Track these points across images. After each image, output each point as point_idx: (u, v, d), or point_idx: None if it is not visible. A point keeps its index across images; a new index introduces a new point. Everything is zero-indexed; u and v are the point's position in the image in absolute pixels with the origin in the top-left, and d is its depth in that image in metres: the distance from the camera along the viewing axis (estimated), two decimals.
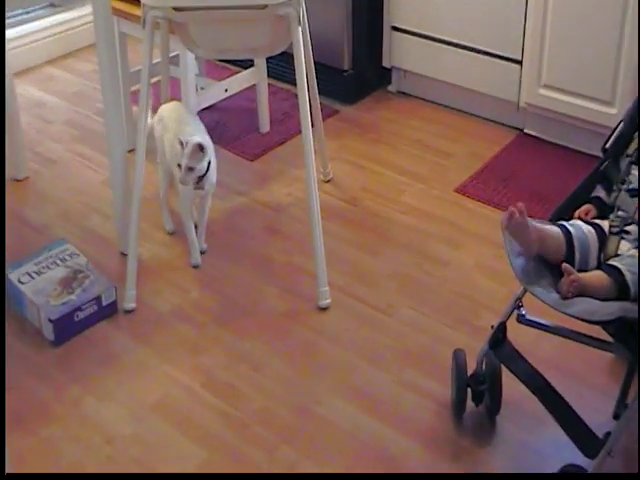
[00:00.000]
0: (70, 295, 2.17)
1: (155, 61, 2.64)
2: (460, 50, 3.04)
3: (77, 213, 2.65)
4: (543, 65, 2.85)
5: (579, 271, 1.60)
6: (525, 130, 3.03)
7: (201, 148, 2.23)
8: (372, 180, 2.83)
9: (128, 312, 2.25)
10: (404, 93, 3.32)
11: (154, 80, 2.69)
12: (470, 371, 1.91)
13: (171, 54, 2.69)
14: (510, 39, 2.91)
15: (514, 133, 3.05)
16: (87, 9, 2.58)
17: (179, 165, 2.24)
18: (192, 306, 2.29)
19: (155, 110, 2.58)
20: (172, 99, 2.61)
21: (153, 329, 2.21)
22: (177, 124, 2.39)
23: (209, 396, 2.01)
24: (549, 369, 1.79)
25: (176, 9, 2.21)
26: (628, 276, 1.57)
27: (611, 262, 1.61)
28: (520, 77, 2.93)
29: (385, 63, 3.27)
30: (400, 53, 3.21)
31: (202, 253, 2.42)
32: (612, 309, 1.53)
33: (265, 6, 2.17)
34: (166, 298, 2.32)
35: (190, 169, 2.23)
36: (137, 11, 2.41)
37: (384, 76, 3.31)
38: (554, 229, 1.66)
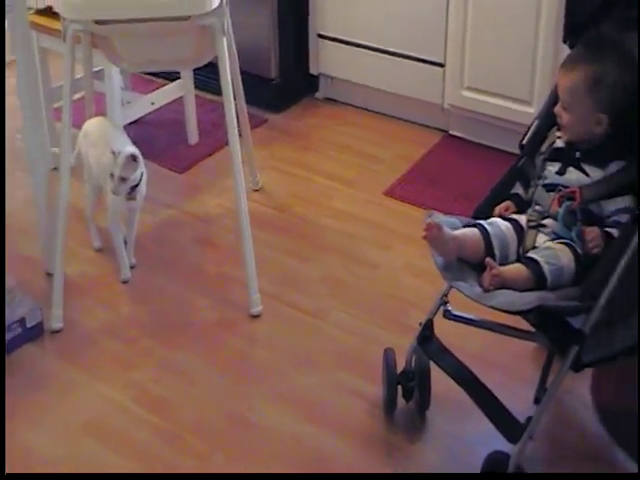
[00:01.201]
0: None
1: (78, 76, 2.63)
2: (385, 55, 3.09)
3: None
4: (465, 68, 2.92)
5: (500, 265, 1.65)
6: (450, 131, 3.10)
7: (134, 158, 2.25)
8: (301, 187, 2.86)
9: (55, 332, 2.23)
10: (332, 99, 3.35)
11: (78, 96, 2.68)
12: (400, 369, 1.94)
13: (95, 68, 2.67)
14: (432, 43, 2.97)
15: (439, 135, 3.11)
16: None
17: (112, 175, 2.24)
18: (123, 322, 2.29)
19: (80, 126, 2.57)
20: (98, 114, 2.60)
21: (82, 348, 2.19)
22: (103, 139, 2.38)
23: (141, 411, 2.01)
24: (476, 362, 1.84)
25: (98, 22, 2.20)
26: (545, 267, 1.62)
27: (529, 255, 1.67)
28: (443, 80, 2.99)
29: (312, 70, 3.30)
30: (326, 60, 3.24)
31: (132, 268, 2.42)
32: (530, 299, 1.58)
33: (189, 17, 2.18)
34: (95, 315, 2.30)
35: (123, 179, 2.24)
36: (57, 25, 2.37)
37: (311, 83, 3.34)
38: (473, 232, 1.71)
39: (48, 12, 2.64)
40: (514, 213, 1.78)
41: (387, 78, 3.11)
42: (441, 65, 2.97)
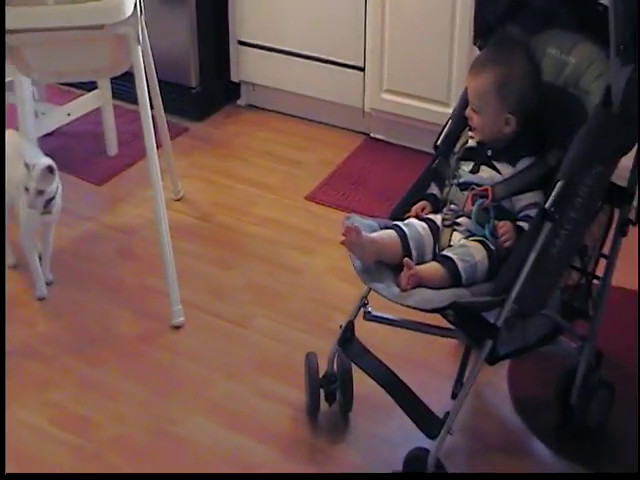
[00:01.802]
0: None
1: None
2: (305, 60, 3.10)
3: None
4: (384, 71, 2.95)
5: (417, 264, 1.68)
6: (371, 134, 3.13)
7: (50, 170, 2.21)
8: (224, 195, 2.86)
9: None
10: (253, 106, 3.36)
11: None
12: (322, 372, 1.95)
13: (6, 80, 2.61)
14: (352, 47, 3.00)
15: (361, 138, 3.14)
16: None
17: (27, 189, 2.19)
18: (39, 340, 2.24)
19: None
20: (9, 127, 2.54)
21: None
22: (15, 152, 2.32)
23: (59, 432, 1.97)
24: (397, 361, 1.87)
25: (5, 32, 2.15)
26: (459, 264, 1.66)
27: (444, 253, 1.70)
28: (363, 83, 3.01)
29: (233, 78, 3.30)
30: (247, 67, 3.25)
31: (49, 284, 2.37)
32: (446, 296, 1.62)
33: (102, 26, 2.15)
34: (9, 336, 2.20)
35: (40, 192, 2.19)
36: None
37: (233, 91, 3.34)
38: (390, 234, 1.74)
39: None
40: (430, 213, 1.81)
41: (308, 83, 3.13)
42: (361, 69, 3.00)
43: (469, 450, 1.94)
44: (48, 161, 2.23)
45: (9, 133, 2.44)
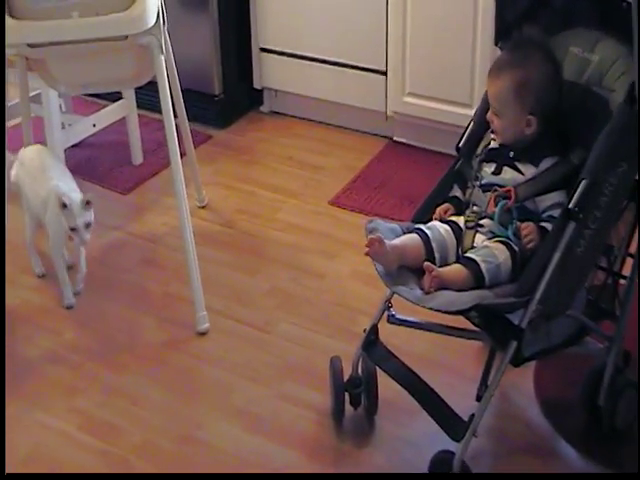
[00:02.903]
0: None
1: (13, 102, 2.61)
2: (327, 66, 3.11)
3: None
4: (406, 74, 2.95)
5: (440, 267, 1.68)
6: (394, 138, 3.13)
7: (87, 202, 2.21)
8: (247, 201, 2.86)
9: None
10: (276, 112, 3.37)
11: (16, 121, 2.66)
12: (347, 376, 1.95)
13: (32, 92, 2.64)
14: (374, 51, 3.00)
15: (384, 142, 3.14)
16: None
17: (72, 229, 2.20)
18: (66, 348, 2.26)
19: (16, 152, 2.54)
20: (37, 139, 2.57)
21: (23, 377, 2.16)
22: (42, 172, 2.35)
23: (86, 437, 1.98)
24: (421, 363, 1.86)
25: (31, 45, 2.17)
26: (483, 265, 1.66)
27: (467, 254, 1.70)
28: (386, 87, 3.02)
29: (256, 85, 3.31)
30: (270, 74, 3.26)
31: (76, 294, 2.38)
32: (469, 298, 1.62)
33: (126, 37, 2.17)
34: (37, 343, 2.27)
35: (87, 225, 2.21)
36: None
37: (256, 97, 3.36)
38: (412, 238, 1.74)
39: None
40: (453, 215, 1.81)
41: (330, 88, 3.14)
42: (383, 73, 3.00)
43: (495, 452, 1.93)
44: (80, 194, 2.25)
45: (37, 149, 2.46)
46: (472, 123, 1.88)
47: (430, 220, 1.81)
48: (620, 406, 1.90)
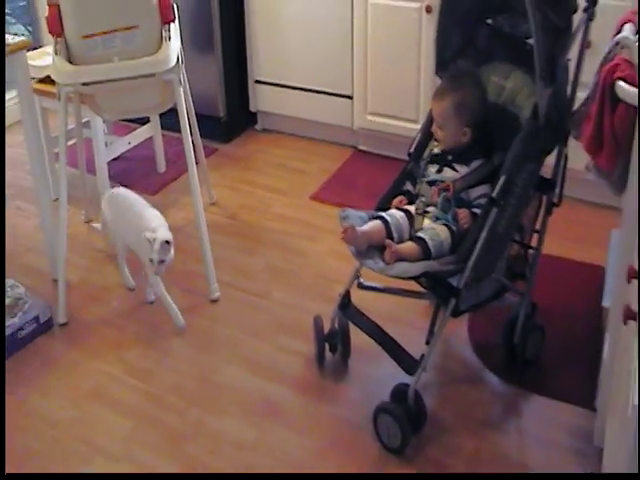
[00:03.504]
0: (13, 319, 2.11)
1: (71, 127, 2.60)
2: (306, 92, 3.10)
3: (16, 254, 2.55)
4: (368, 98, 2.95)
5: (397, 244, 1.70)
6: (359, 147, 3.11)
7: (168, 242, 2.08)
8: (247, 199, 2.84)
9: (62, 325, 2.20)
10: (267, 129, 3.34)
11: (72, 142, 2.65)
12: (326, 330, 1.97)
13: (84, 120, 2.63)
14: (342, 81, 3.00)
15: (351, 150, 3.12)
16: (15, 92, 2.54)
17: (151, 260, 2.07)
18: (113, 314, 2.26)
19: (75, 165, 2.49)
20: (87, 156, 2.51)
21: (83, 335, 2.17)
22: (134, 216, 2.20)
23: (131, 380, 2.00)
24: (384, 320, 1.89)
25: (84, 84, 2.19)
26: (429, 242, 1.69)
27: (418, 234, 1.73)
28: (352, 108, 3.01)
29: (252, 108, 3.29)
30: (262, 99, 3.24)
31: (151, 302, 2.26)
32: (419, 267, 1.66)
33: (154, 74, 2.19)
34: (91, 310, 2.27)
35: (161, 262, 2.08)
36: (54, 89, 2.37)
37: (251, 118, 3.33)
38: (377, 224, 1.75)
39: (47, 80, 2.59)
40: (406, 204, 1.83)
41: (309, 109, 3.13)
42: (350, 97, 3.00)
43: (439, 383, 1.95)
44: (165, 235, 2.08)
45: (123, 192, 2.32)
46: (419, 134, 1.89)
47: (389, 209, 1.82)
48: (529, 343, 1.94)
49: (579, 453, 1.72)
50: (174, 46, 2.17)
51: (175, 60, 2.18)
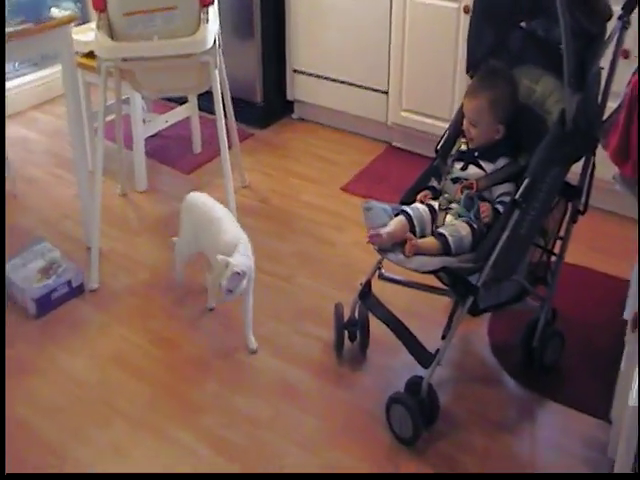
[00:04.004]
0: (47, 280, 2.20)
1: (112, 102, 2.67)
2: (343, 85, 3.12)
3: (54, 219, 2.66)
4: (403, 95, 2.96)
5: (419, 238, 1.73)
6: (393, 143, 3.12)
7: (239, 273, 1.90)
8: (279, 184, 2.88)
9: (93, 291, 2.28)
10: (303, 119, 3.37)
11: (112, 117, 2.71)
12: (346, 319, 2.00)
13: (124, 97, 2.70)
14: (379, 76, 3.01)
15: (385, 146, 3.13)
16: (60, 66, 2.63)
17: (220, 284, 1.90)
18: (141, 284, 2.32)
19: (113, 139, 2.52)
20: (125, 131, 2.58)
21: (112, 302, 2.24)
22: (217, 222, 2.06)
23: (154, 349, 2.06)
24: (403, 313, 1.89)
25: (124, 60, 2.27)
26: (450, 239, 1.71)
27: (439, 230, 1.74)
28: (387, 104, 3.03)
29: (289, 97, 3.32)
30: (300, 89, 3.27)
31: (253, 352, 2.04)
32: (437, 261, 1.68)
33: (190, 55, 2.25)
34: (121, 279, 2.34)
35: (229, 291, 1.92)
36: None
37: (288, 107, 3.36)
38: (400, 220, 1.76)
39: (91, 55, 2.66)
40: (430, 199, 1.85)
41: (345, 102, 3.16)
42: (385, 92, 3.02)
43: (455, 380, 1.97)
44: (239, 265, 1.90)
45: (204, 198, 2.18)
46: (447, 131, 1.90)
47: (413, 202, 1.84)
48: (548, 348, 1.95)
49: (591, 463, 1.71)
50: (212, 29, 2.23)
51: (212, 42, 2.23)
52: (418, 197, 1.85)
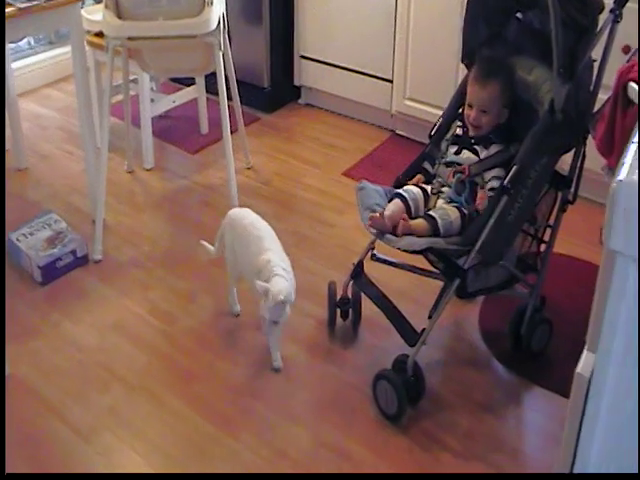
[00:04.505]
0: (53, 249, 2.27)
1: (119, 82, 2.72)
2: (349, 72, 3.15)
3: (63, 193, 2.72)
4: (407, 84, 2.98)
5: (412, 219, 1.76)
6: (397, 131, 3.15)
7: (283, 302, 1.78)
8: (282, 167, 2.92)
9: (96, 262, 2.34)
10: (310, 105, 3.39)
11: (120, 97, 2.76)
12: (339, 297, 2.04)
13: (131, 77, 2.75)
14: (384, 64, 3.03)
15: (388, 133, 3.15)
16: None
17: (263, 317, 1.82)
18: (144, 257, 2.38)
19: (121, 117, 2.56)
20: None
21: (114, 273, 2.30)
22: (258, 241, 1.91)
23: (153, 319, 2.12)
24: (394, 294, 1.93)
25: (130, 39, 2.31)
26: (439, 221, 1.73)
27: (430, 212, 1.78)
28: (391, 92, 3.05)
29: (296, 82, 3.35)
30: (306, 74, 3.30)
31: (276, 370, 1.94)
32: (425, 241, 1.70)
33: (195, 36, 2.29)
34: (124, 252, 2.40)
35: (275, 322, 1.83)
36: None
37: (295, 92, 3.39)
38: (396, 203, 1.79)
39: (101, 34, 2.71)
40: (424, 183, 1.88)
41: (351, 89, 3.18)
42: (390, 81, 3.04)
43: (445, 363, 2.00)
44: (281, 293, 1.77)
45: (246, 214, 2.03)
46: (442, 118, 1.93)
47: (405, 185, 1.87)
48: (536, 335, 1.97)
49: None
50: (216, 10, 2.26)
51: (216, 24, 2.26)
52: (413, 180, 1.88)
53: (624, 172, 0.83)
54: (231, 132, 2.43)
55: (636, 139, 0.91)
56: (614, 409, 0.95)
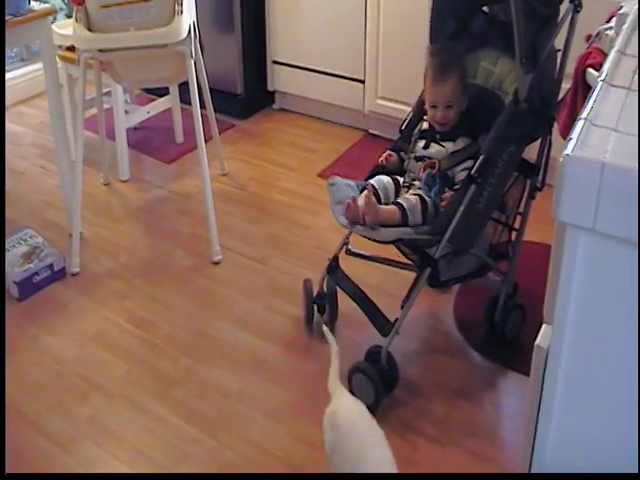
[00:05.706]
0: (30, 264, 2.26)
1: (92, 96, 2.72)
2: (321, 75, 3.17)
3: (39, 209, 2.71)
4: (379, 83, 3.01)
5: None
6: (369, 130, 3.17)
7: None
8: (257, 172, 2.92)
9: (74, 275, 2.34)
10: (284, 109, 3.41)
11: (93, 111, 2.76)
12: (316, 293, 2.04)
13: (105, 90, 2.75)
14: (355, 65, 3.05)
15: (361, 133, 3.17)
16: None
17: None
18: (121, 267, 2.38)
19: (96, 131, 2.55)
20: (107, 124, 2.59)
21: (92, 285, 2.30)
22: (355, 451, 1.43)
23: (131, 327, 2.12)
24: (370, 288, 1.93)
25: (101, 51, 2.32)
26: (405, 205, 1.74)
27: (397, 200, 1.79)
28: (363, 92, 3.07)
29: (269, 88, 3.36)
30: (279, 79, 3.32)
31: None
32: (393, 232, 1.70)
33: (165, 45, 2.29)
34: (102, 263, 2.40)
35: None
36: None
37: (269, 97, 3.40)
38: (365, 192, 1.77)
39: (73, 49, 2.70)
40: (395, 160, 1.89)
41: (322, 92, 3.20)
42: (362, 81, 3.06)
43: (421, 353, 2.01)
44: None
45: (358, 412, 1.52)
46: (411, 113, 1.95)
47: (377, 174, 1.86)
48: (509, 321, 1.99)
49: None
50: (186, 19, 2.27)
51: (186, 33, 2.27)
52: (382, 157, 1.89)
53: (570, 146, 0.86)
54: (206, 140, 2.43)
55: (584, 116, 0.93)
56: (570, 381, 0.96)
